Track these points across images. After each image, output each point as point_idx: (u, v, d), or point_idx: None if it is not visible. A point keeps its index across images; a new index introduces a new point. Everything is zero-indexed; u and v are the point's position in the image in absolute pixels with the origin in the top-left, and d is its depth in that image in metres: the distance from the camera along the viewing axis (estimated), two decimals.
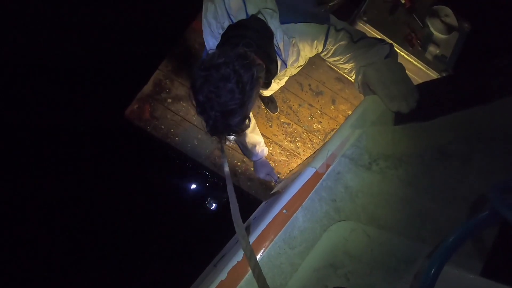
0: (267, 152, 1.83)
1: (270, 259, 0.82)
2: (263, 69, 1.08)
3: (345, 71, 1.25)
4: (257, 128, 1.70)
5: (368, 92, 1.01)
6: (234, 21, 1.11)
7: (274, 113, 2.75)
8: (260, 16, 1.09)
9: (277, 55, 1.16)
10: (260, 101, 2.73)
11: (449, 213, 0.80)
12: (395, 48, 1.12)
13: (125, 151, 2.69)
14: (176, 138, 2.56)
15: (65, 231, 2.50)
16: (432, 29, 2.38)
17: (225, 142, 1.22)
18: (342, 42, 1.14)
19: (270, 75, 1.19)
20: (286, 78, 1.72)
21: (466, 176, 0.82)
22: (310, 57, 1.28)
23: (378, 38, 1.16)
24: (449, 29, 2.37)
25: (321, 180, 0.87)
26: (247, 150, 1.73)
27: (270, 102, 2.70)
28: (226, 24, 1.12)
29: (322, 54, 1.22)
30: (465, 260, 0.71)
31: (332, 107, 2.88)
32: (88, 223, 2.53)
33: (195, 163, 2.60)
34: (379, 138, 0.89)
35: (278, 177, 1.78)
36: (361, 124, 0.91)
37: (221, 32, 1.13)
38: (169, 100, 2.59)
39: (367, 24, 2.29)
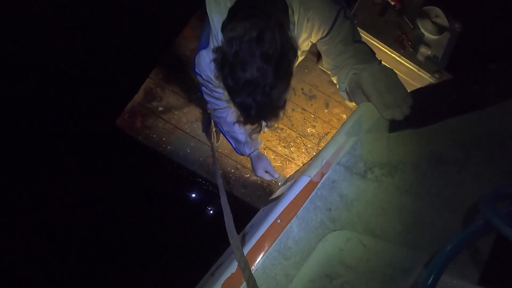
0: (262, 143, 1.65)
1: (265, 270, 0.81)
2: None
3: (328, 66, 1.19)
4: None
5: (358, 97, 1.00)
6: None
7: None
8: None
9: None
10: None
11: (446, 220, 0.79)
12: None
13: (118, 159, 2.67)
14: (169, 147, 2.53)
15: (60, 237, 2.48)
16: (423, 30, 2.39)
17: (259, 131, 1.07)
18: (344, 34, 1.07)
19: None
20: None
21: (462, 182, 0.81)
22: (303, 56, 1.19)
23: (372, 51, 1.12)
24: (440, 29, 2.38)
25: (315, 189, 0.85)
26: (239, 144, 1.55)
27: None
28: None
29: (323, 40, 1.12)
30: (463, 269, 0.70)
31: (326, 110, 2.87)
32: (85, 230, 2.51)
33: (188, 171, 2.57)
34: (375, 146, 0.88)
35: (280, 175, 1.59)
36: (356, 131, 0.90)
37: (229, 5, 0.96)
38: (161, 109, 2.56)
39: (357, 27, 2.28)
